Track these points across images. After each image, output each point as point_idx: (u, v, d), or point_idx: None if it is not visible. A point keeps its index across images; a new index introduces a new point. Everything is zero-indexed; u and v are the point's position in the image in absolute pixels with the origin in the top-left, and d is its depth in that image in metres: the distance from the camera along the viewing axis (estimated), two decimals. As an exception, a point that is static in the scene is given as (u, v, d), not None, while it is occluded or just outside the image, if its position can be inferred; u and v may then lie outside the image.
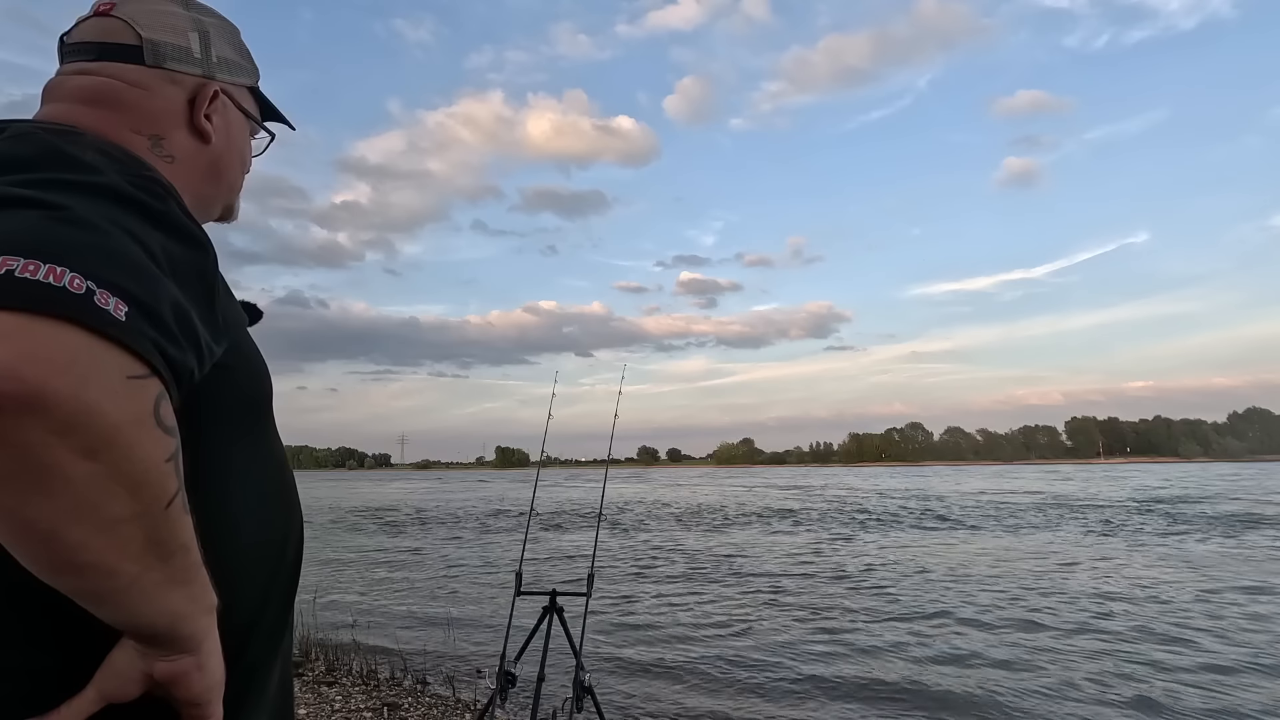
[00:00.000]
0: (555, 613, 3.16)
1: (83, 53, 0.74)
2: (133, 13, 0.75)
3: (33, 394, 0.42)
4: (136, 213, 0.55)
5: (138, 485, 0.48)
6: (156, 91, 0.75)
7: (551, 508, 23.97)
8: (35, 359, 0.43)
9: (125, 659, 0.57)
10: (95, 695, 0.56)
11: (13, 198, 0.51)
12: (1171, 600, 7.59)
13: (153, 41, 0.75)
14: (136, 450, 0.47)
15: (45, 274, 0.45)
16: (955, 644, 5.98)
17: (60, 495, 0.45)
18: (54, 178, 0.54)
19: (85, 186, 0.54)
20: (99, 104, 0.72)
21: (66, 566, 0.48)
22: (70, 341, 0.45)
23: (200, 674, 0.59)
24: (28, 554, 0.48)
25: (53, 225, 0.49)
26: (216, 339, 0.60)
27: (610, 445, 4.17)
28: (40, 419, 0.43)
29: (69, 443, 0.44)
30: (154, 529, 0.50)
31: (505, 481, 62.16)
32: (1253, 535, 13.43)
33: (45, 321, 0.44)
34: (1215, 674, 5.10)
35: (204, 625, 0.58)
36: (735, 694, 4.87)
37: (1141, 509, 19.86)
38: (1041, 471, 71.57)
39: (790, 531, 15.81)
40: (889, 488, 37.05)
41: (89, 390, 0.45)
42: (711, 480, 61.53)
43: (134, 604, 0.52)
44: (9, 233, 0.47)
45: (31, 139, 0.59)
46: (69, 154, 0.57)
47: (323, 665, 5.16)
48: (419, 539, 15.59)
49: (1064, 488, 32.85)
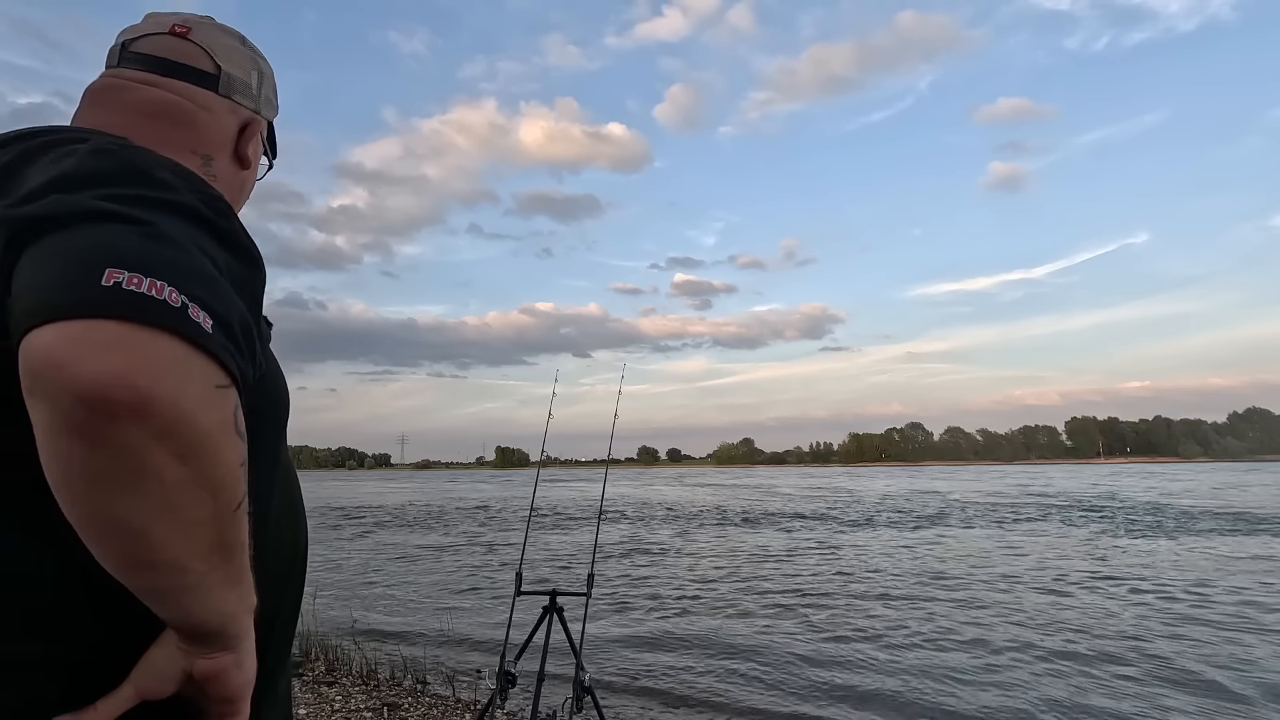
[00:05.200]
0: (555, 613, 3.16)
1: (155, 66, 0.79)
2: (209, 41, 0.83)
3: (142, 400, 0.46)
4: (207, 230, 0.59)
5: (218, 488, 0.51)
6: (219, 117, 0.82)
7: (552, 508, 23.96)
8: (145, 368, 0.47)
9: (165, 656, 0.58)
10: (132, 692, 0.57)
11: (106, 212, 0.53)
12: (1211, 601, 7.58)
13: (228, 74, 0.83)
14: (220, 455, 0.51)
15: (148, 287, 0.49)
16: (975, 652, 5.97)
17: (153, 495, 0.48)
18: (138, 194, 0.57)
19: (166, 204, 0.57)
20: (164, 119, 0.77)
21: (145, 563, 0.51)
22: (172, 352, 0.48)
23: (238, 671, 0.61)
24: (111, 549, 0.50)
25: (146, 241, 0.53)
26: (264, 353, 0.64)
27: (610, 445, 4.18)
28: (145, 423, 0.46)
29: (166, 446, 0.47)
30: (223, 530, 0.53)
31: (505, 481, 62.17)
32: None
33: (152, 332, 0.48)
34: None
35: (246, 625, 0.61)
36: (735, 694, 4.86)
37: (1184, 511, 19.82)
38: (1066, 471, 71.46)
39: (791, 532, 15.80)
40: (909, 489, 37.01)
41: (187, 398, 0.48)
42: (712, 480, 61.51)
43: (196, 601, 0.55)
44: (112, 247, 0.51)
45: (113, 154, 0.61)
46: (148, 171, 0.60)
47: (323, 665, 5.16)
48: (419, 539, 15.58)
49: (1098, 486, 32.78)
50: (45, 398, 0.46)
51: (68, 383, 0.45)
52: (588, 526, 17.39)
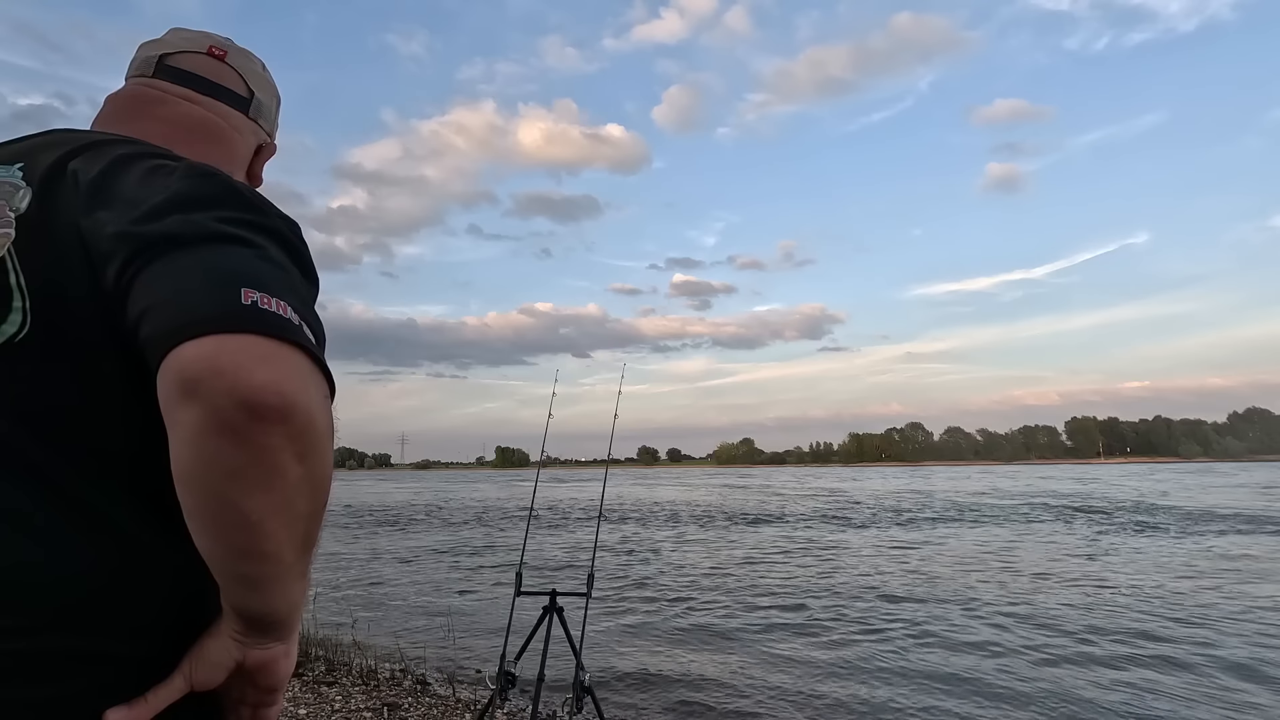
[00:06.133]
0: (555, 613, 3.16)
1: (197, 85, 0.85)
2: (243, 66, 0.90)
3: (288, 406, 0.51)
4: (290, 252, 0.65)
5: (320, 488, 0.57)
6: (246, 138, 0.90)
7: (552, 508, 23.95)
8: (289, 378, 0.53)
9: (220, 647, 0.62)
10: (183, 683, 0.60)
11: (226, 234, 0.60)
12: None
13: (259, 99, 0.91)
14: (327, 458, 0.57)
15: (276, 306, 0.55)
16: (975, 651, 5.97)
17: (276, 490, 0.53)
18: (243, 218, 0.63)
19: (265, 228, 0.64)
20: (203, 136, 0.83)
21: (253, 553, 0.55)
22: (304, 364, 0.55)
23: (286, 661, 0.66)
24: (227, 538, 0.55)
25: (262, 262, 0.59)
26: None
27: (610, 445, 4.17)
28: (284, 426, 0.52)
29: (295, 447, 0.53)
30: (312, 527, 0.59)
31: (506, 483, 62.16)
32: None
33: (289, 347, 0.54)
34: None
35: (299, 616, 0.66)
36: (735, 694, 4.86)
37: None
38: (1067, 471, 71.46)
39: (792, 532, 15.80)
40: (909, 489, 36.99)
41: (314, 405, 0.54)
42: (712, 481, 61.49)
43: (280, 591, 0.60)
44: (242, 268, 0.57)
45: (215, 178, 0.66)
46: (246, 195, 0.66)
47: (323, 665, 5.15)
48: (419, 539, 15.57)
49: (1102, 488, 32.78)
50: (204, 400, 0.50)
51: (231, 388, 0.50)
52: (588, 526, 17.39)
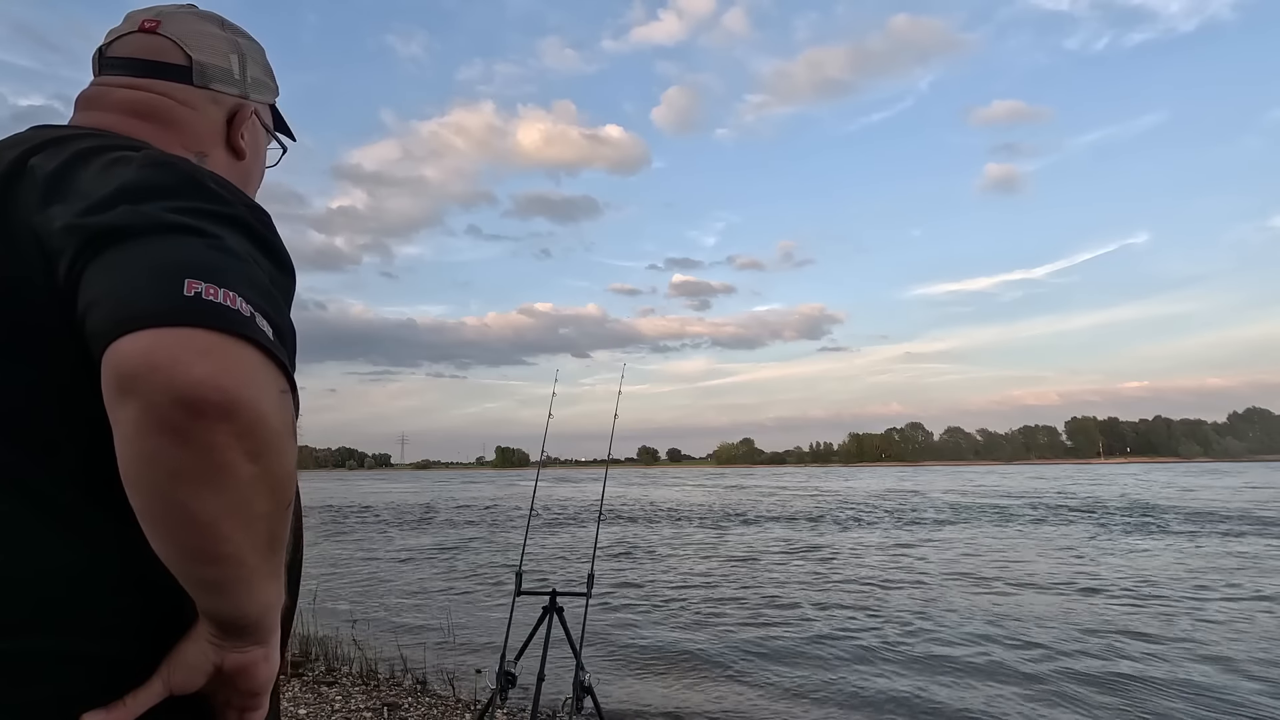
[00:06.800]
0: (555, 613, 3.16)
1: (130, 68, 0.78)
2: (179, 32, 0.79)
3: (230, 402, 0.49)
4: (254, 240, 0.62)
5: (278, 486, 0.54)
6: (202, 110, 0.80)
7: (551, 508, 23.95)
8: (231, 372, 0.50)
9: (197, 651, 0.60)
10: (161, 687, 0.59)
11: (175, 224, 0.56)
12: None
13: (201, 63, 0.80)
14: (284, 456, 0.54)
15: (223, 298, 0.52)
16: (974, 651, 5.97)
17: (226, 491, 0.51)
18: (198, 206, 0.59)
19: (224, 217, 0.60)
20: (152, 119, 0.76)
21: (209, 555, 0.53)
22: (251, 358, 0.52)
23: (266, 665, 0.63)
24: (179, 541, 0.53)
25: (214, 253, 0.56)
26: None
27: (610, 445, 4.18)
28: (229, 424, 0.49)
29: (244, 445, 0.50)
30: (276, 526, 0.56)
31: (506, 484, 62.15)
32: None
33: (234, 340, 0.51)
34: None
35: (278, 619, 0.63)
36: (736, 694, 4.86)
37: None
38: (1066, 471, 71.43)
39: (793, 532, 15.80)
40: (908, 489, 36.97)
41: (263, 401, 0.51)
42: (712, 481, 61.46)
43: (246, 594, 0.57)
44: (188, 258, 0.54)
45: (171, 167, 0.63)
46: (203, 183, 0.62)
47: (323, 665, 5.16)
48: (419, 539, 15.57)
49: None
50: (140, 397, 0.48)
51: (166, 384, 0.48)
52: (588, 526, 17.39)
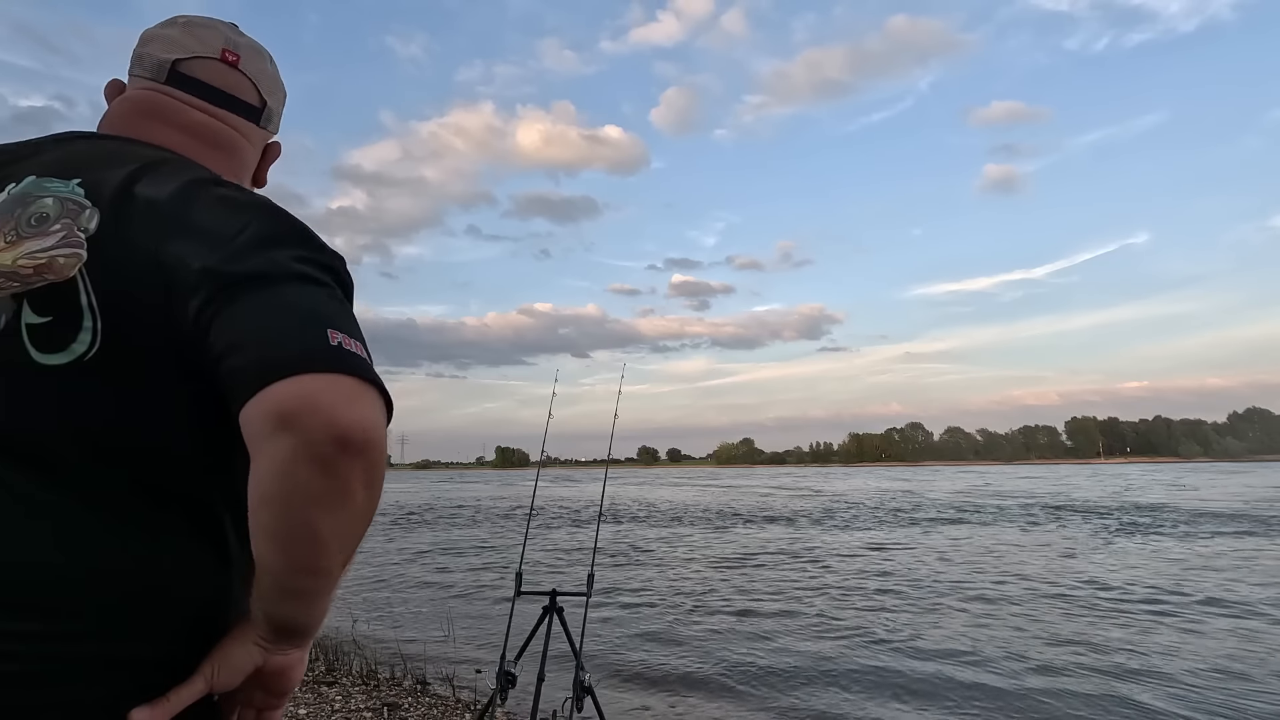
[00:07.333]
0: (555, 613, 3.16)
1: (211, 97, 0.83)
2: (255, 72, 0.87)
3: (367, 442, 0.57)
4: (344, 288, 0.69)
5: (373, 512, 0.62)
6: (256, 146, 0.89)
7: (552, 508, 23.94)
8: (372, 415, 0.58)
9: (243, 651, 0.64)
10: (203, 685, 0.62)
11: (305, 275, 0.63)
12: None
13: (270, 109, 0.89)
14: (381, 487, 0.61)
15: (355, 347, 0.61)
16: (972, 651, 5.97)
17: (346, 513, 0.58)
18: (314, 257, 0.66)
19: (329, 267, 0.67)
20: (219, 148, 0.82)
21: (313, 568, 0.60)
22: (378, 402, 0.60)
23: (300, 667, 0.69)
24: (294, 554, 0.59)
25: (337, 304, 0.64)
26: None
27: (610, 445, 4.17)
28: (364, 459, 0.57)
29: (366, 477, 0.58)
30: (357, 545, 0.63)
31: (506, 484, 62.14)
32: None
33: (367, 386, 0.59)
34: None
35: (321, 626, 0.69)
36: (736, 694, 4.86)
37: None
38: (1067, 471, 71.32)
39: (793, 531, 15.80)
40: (909, 489, 36.94)
41: (384, 440, 0.60)
42: (712, 481, 61.42)
43: (320, 602, 0.65)
44: (325, 310, 0.62)
45: (279, 213, 0.69)
46: (310, 234, 0.69)
47: (323, 665, 5.15)
48: (419, 538, 15.57)
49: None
50: (300, 433, 0.55)
51: (327, 424, 0.55)
52: (588, 527, 17.38)
